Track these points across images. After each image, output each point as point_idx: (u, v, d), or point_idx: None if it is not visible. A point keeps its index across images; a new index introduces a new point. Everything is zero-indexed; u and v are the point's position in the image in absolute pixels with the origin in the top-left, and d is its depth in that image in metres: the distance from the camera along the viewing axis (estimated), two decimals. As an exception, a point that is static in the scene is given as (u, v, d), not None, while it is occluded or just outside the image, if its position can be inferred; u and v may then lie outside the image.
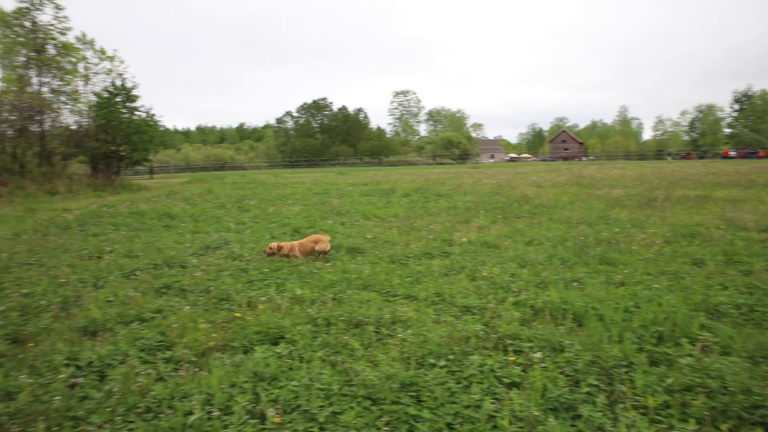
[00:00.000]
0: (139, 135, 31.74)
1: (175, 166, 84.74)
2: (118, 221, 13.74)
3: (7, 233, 12.43)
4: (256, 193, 21.93)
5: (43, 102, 30.56)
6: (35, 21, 32.62)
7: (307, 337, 4.87)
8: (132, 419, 3.48)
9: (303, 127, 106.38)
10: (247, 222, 13.27)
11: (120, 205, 17.75)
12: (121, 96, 32.44)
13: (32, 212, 17.29)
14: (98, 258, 9.11)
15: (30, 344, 4.89)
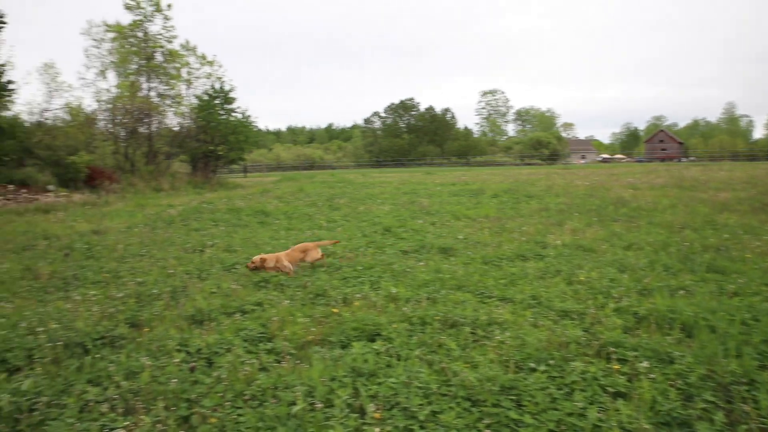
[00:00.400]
0: (236, 135, 33.27)
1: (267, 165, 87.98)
2: (217, 217, 14.44)
3: (121, 226, 13.41)
4: (346, 192, 22.34)
5: (151, 105, 32.71)
6: (146, 32, 35.00)
7: (403, 335, 4.90)
8: (239, 405, 3.64)
9: (390, 128, 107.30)
10: (338, 220, 13.55)
11: (218, 202, 18.66)
12: (220, 98, 34.12)
13: (141, 207, 18.54)
14: (201, 251, 9.61)
15: (146, 329, 5.25)
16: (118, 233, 12.20)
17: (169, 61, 35.88)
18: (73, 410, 3.50)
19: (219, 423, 3.39)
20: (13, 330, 5.01)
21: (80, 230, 12.88)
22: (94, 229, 12.88)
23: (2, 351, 4.51)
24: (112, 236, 11.62)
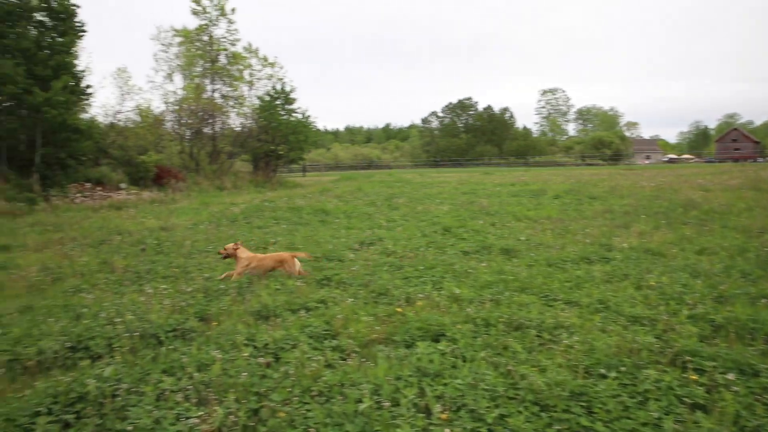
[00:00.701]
0: (296, 135, 33.90)
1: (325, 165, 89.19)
2: (279, 215, 14.74)
3: (188, 223, 13.89)
4: (404, 192, 22.36)
5: (215, 106, 33.77)
6: (212, 35, 36.18)
7: (467, 336, 4.85)
8: (307, 401, 3.70)
9: (448, 127, 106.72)
10: (397, 219, 13.57)
11: (279, 201, 19.05)
12: (281, 99, 34.85)
13: (206, 205, 19.16)
14: (264, 249, 9.83)
15: (214, 323, 5.42)
16: (184, 230, 12.65)
17: (232, 64, 36.94)
18: (150, 398, 3.65)
19: (288, 417, 3.46)
20: (95, 320, 5.29)
21: (150, 227, 13.43)
22: (162, 226, 13.40)
23: (86, 339, 4.76)
24: (179, 233, 12.05)
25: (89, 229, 13.39)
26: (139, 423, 3.30)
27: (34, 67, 21.09)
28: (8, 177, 20.18)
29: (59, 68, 21.84)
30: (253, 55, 37.69)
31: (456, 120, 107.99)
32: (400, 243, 9.96)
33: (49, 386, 3.76)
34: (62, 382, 3.79)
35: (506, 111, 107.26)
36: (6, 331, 4.92)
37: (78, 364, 4.44)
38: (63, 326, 5.11)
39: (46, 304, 6.19)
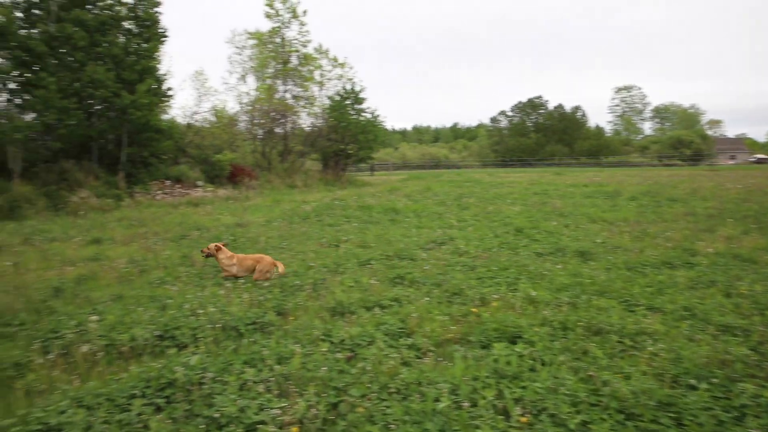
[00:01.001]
0: (365, 134, 34.25)
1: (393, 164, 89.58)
2: (349, 214, 14.93)
3: (261, 220, 14.31)
4: (474, 192, 22.14)
5: (286, 107, 34.62)
6: (284, 37, 37.12)
7: (545, 339, 4.74)
8: (385, 397, 3.72)
9: (517, 127, 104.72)
10: (468, 219, 13.44)
11: (349, 200, 19.28)
12: (350, 99, 35.30)
13: (278, 203, 19.68)
14: (336, 246, 9.99)
15: (291, 318, 5.55)
16: (258, 226, 13.02)
17: (303, 65, 37.75)
18: (234, 387, 3.78)
19: (367, 413, 3.49)
20: (179, 311, 5.53)
21: (226, 223, 13.93)
22: (237, 223, 13.86)
23: (172, 329, 4.99)
24: (253, 229, 12.42)
25: (170, 224, 14.03)
26: (225, 411, 3.42)
27: (122, 71, 22.30)
28: (98, 175, 21.45)
29: (144, 72, 23.01)
30: (323, 56, 38.39)
31: (525, 119, 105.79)
32: (472, 243, 9.85)
33: (142, 371, 3.97)
34: (153, 368, 3.99)
35: (578, 109, 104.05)
36: (102, 318, 5.22)
37: (165, 351, 4.66)
38: (151, 316, 5.37)
39: (135, 294, 6.53)
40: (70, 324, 5.10)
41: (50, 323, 5.27)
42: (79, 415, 3.29)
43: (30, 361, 4.46)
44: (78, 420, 3.25)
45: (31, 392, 4.01)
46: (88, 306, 6.05)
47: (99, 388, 3.71)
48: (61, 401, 3.51)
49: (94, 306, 5.89)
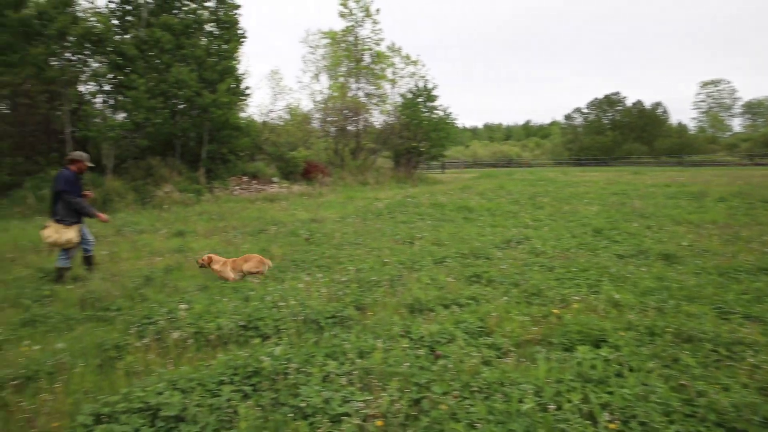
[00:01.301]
0: (437, 132, 34.13)
1: (463, 162, 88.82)
2: (422, 211, 14.93)
3: (335, 216, 14.55)
4: (548, 191, 21.60)
5: (359, 105, 35.01)
6: (357, 36, 37.55)
7: (631, 344, 4.55)
8: (467, 396, 3.69)
9: (592, 124, 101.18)
10: (543, 219, 13.14)
11: (421, 197, 19.27)
12: (423, 97, 35.27)
13: (351, 199, 19.94)
14: (410, 243, 10.01)
15: (370, 313, 5.61)
16: (333, 222, 13.25)
17: (376, 63, 38.05)
18: (317, 379, 3.86)
19: (449, 410, 3.47)
20: (261, 302, 5.71)
21: (301, 218, 14.25)
22: (312, 218, 14.16)
23: (255, 319, 5.16)
24: (328, 225, 12.65)
25: (247, 218, 14.51)
26: (311, 401, 3.50)
27: (204, 72, 23.27)
28: (181, 170, 22.50)
29: (224, 72, 23.91)
30: (396, 54, 38.58)
31: (602, 116, 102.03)
32: (548, 243, 9.62)
33: (229, 359, 4.12)
34: (240, 357, 4.14)
35: (659, 106, 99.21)
36: (190, 307, 5.47)
37: (249, 341, 4.83)
38: (235, 306, 5.57)
39: (218, 285, 6.79)
40: (162, 311, 5.37)
41: (143, 310, 5.58)
42: (175, 397, 3.46)
43: (127, 344, 4.74)
44: (175, 401, 3.42)
45: (129, 373, 4.26)
46: (176, 295, 6.35)
47: (191, 373, 3.89)
48: (158, 383, 3.70)
49: (182, 295, 6.18)
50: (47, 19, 19.92)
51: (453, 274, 7.29)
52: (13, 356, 4.53)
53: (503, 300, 5.89)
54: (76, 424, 3.30)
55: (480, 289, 6.45)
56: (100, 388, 4.04)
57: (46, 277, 7.74)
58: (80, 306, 6.10)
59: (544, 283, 6.56)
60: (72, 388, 3.99)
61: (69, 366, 4.28)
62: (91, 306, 6.02)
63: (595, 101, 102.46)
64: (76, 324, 5.51)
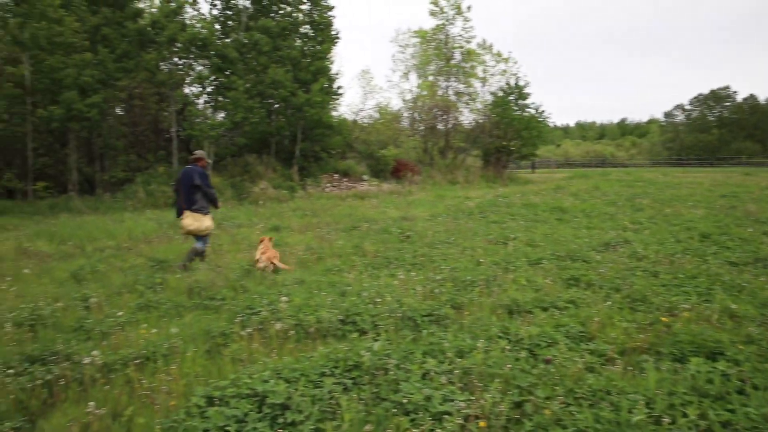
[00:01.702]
0: (529, 131, 33.31)
1: (554, 162, 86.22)
2: (514, 211, 14.61)
3: (426, 215, 14.55)
4: (647, 192, 20.48)
5: (449, 103, 34.81)
6: (448, 34, 37.34)
7: (752, 359, 4.21)
8: (571, 402, 3.56)
9: (696, 122, 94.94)
10: (643, 222, 12.46)
11: (512, 197, 18.89)
12: (514, 95, 34.53)
13: (441, 198, 19.88)
14: (504, 244, 9.82)
15: (466, 312, 5.55)
16: (424, 221, 13.25)
17: (466, 61, 37.66)
18: (416, 376, 3.86)
19: (553, 416, 3.36)
20: (358, 298, 5.80)
21: (392, 216, 14.36)
22: (403, 216, 14.23)
23: (352, 314, 5.25)
24: (420, 223, 12.66)
25: (339, 215, 14.82)
26: (411, 398, 3.50)
27: (299, 72, 24.02)
28: (275, 168, 23.36)
29: (317, 72, 24.57)
30: (486, 52, 38.00)
31: (707, 113, 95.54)
32: (650, 247, 9.11)
33: (330, 352, 4.21)
34: (340, 350, 4.21)
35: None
36: (290, 300, 5.65)
37: (347, 335, 4.92)
38: (332, 301, 5.69)
39: (315, 279, 6.97)
40: (263, 302, 5.58)
41: (246, 300, 5.82)
42: (280, 386, 3.58)
43: (233, 333, 4.96)
44: (280, 390, 3.53)
45: (235, 360, 4.46)
46: (275, 288, 6.58)
47: (293, 363, 4.00)
48: (264, 371, 3.84)
49: (280, 288, 6.38)
50: (159, 27, 21.31)
51: (550, 276, 7.08)
52: (134, 337, 4.87)
53: (605, 305, 5.64)
54: (191, 405, 3.49)
55: (579, 293, 6.21)
56: (209, 372, 4.26)
57: (156, 266, 8.28)
58: (188, 294, 6.46)
59: (649, 289, 6.21)
60: (184, 371, 4.22)
61: (181, 350, 4.55)
62: (197, 295, 6.37)
63: (700, 97, 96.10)
64: (185, 311, 5.84)
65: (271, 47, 23.09)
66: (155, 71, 21.47)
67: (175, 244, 10.42)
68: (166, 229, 12.27)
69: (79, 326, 5.26)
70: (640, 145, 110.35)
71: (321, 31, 25.77)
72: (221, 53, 21.81)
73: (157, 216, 14.65)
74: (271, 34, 23.17)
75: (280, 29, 23.74)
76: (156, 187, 19.32)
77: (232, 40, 23.39)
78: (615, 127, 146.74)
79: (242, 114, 21.59)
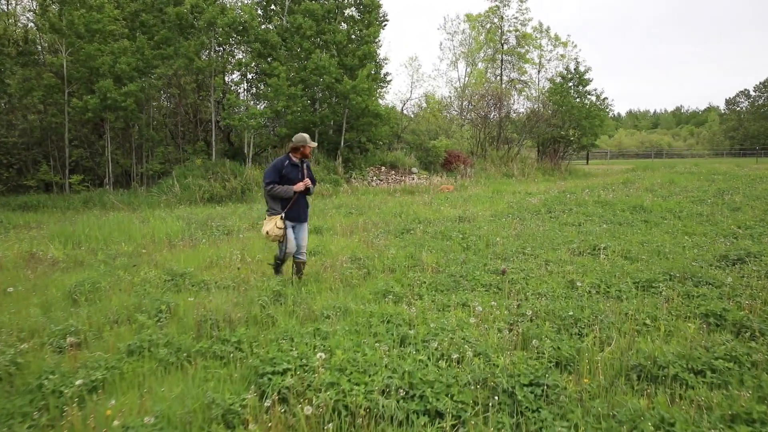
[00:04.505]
0: (590, 120, 30.83)
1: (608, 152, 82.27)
2: (588, 210, 12.64)
3: (486, 213, 12.77)
4: (733, 187, 17.97)
5: (502, 91, 32.62)
6: (502, 16, 35.09)
7: None
8: None
9: (762, 109, 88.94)
10: (753, 225, 10.33)
11: (579, 192, 16.82)
12: (573, 80, 32.07)
13: (499, 193, 17.97)
14: (592, 255, 7.98)
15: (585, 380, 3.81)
16: (486, 221, 11.48)
17: (521, 45, 35.37)
18: None
19: None
20: (424, 350, 4.07)
21: (448, 215, 12.63)
22: (460, 216, 12.48)
23: (420, 383, 3.52)
24: (482, 225, 10.89)
25: (388, 214, 13.18)
26: None
27: (344, 57, 22.44)
28: (319, 159, 21.87)
29: (364, 58, 22.92)
30: (544, 35, 35.67)
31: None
32: None
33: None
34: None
35: None
36: (329, 354, 3.97)
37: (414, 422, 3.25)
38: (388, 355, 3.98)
39: (363, 309, 5.30)
40: (292, 355, 3.94)
41: (269, 348, 4.17)
42: None
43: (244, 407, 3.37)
44: None
45: None
46: (310, 323, 4.99)
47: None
48: None
49: (317, 326, 4.75)
50: (198, 12, 20.09)
51: (677, 311, 5.24)
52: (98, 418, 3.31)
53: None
54: None
55: (736, 345, 4.35)
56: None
57: (171, 281, 6.80)
58: (197, 330, 4.91)
59: None
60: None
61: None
62: (207, 334, 4.79)
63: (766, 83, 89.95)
64: (186, 360, 4.27)
65: (315, 31, 21.58)
66: (194, 58, 20.23)
67: (200, 250, 8.98)
68: (194, 230, 10.87)
69: (38, 385, 3.77)
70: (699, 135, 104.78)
71: (368, 13, 24.10)
72: (262, 38, 20.42)
73: (188, 214, 13.31)
74: (315, 17, 21.67)
75: (325, 12, 22.21)
76: (192, 180, 18.08)
77: (274, 25, 22.00)
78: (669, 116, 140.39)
79: (284, 102, 20.17)
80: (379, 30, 24.54)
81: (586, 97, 31.73)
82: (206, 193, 17.34)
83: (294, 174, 6.73)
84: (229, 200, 17.28)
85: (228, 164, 19.32)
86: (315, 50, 21.48)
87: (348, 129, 23.51)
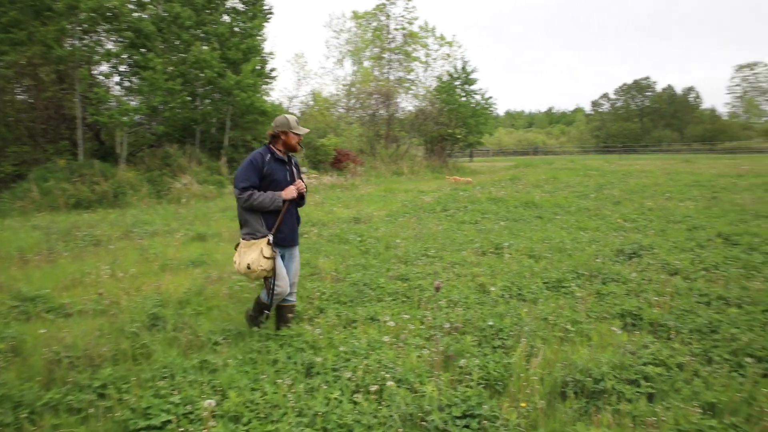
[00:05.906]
0: (475, 118, 31.61)
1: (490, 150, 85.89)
2: (482, 208, 12.64)
3: (381, 213, 12.39)
4: (609, 182, 19.08)
5: (389, 89, 32.60)
6: (389, 15, 35.09)
7: None
8: None
9: (620, 111, 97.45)
10: (637, 219, 10.75)
11: (470, 190, 16.96)
12: (460, 79, 32.75)
13: (391, 192, 17.72)
14: (496, 254, 7.76)
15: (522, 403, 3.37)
16: (383, 222, 11.07)
17: (408, 44, 35.59)
18: None
19: None
20: (336, 382, 3.42)
21: (342, 216, 12.10)
22: (355, 216, 11.98)
23: (336, 427, 2.92)
24: (379, 226, 10.44)
25: (280, 216, 12.35)
26: None
27: (227, 51, 21.12)
28: (201, 160, 20.41)
29: (248, 51, 21.74)
30: (429, 34, 36.05)
31: (630, 102, 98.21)
32: (675, 255, 7.34)
33: None
34: None
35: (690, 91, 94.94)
36: (221, 401, 3.22)
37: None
38: (294, 391, 3.34)
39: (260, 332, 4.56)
40: (173, 401, 3.16)
41: (144, 395, 3.35)
42: None
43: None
44: None
45: None
46: (194, 353, 4.19)
47: None
48: None
49: (204, 356, 3.96)
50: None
51: (593, 311, 5.04)
52: None
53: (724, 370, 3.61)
54: None
55: (660, 347, 4.15)
56: None
57: (19, 308, 5.60)
58: (47, 376, 3.90)
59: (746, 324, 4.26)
60: None
61: None
62: (61, 379, 3.80)
63: (624, 87, 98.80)
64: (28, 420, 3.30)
65: (195, 22, 20.08)
66: (53, 46, 17.95)
67: (60, 265, 7.68)
68: (55, 241, 9.41)
69: None
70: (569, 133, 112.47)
71: (252, 5, 22.91)
72: (135, 27, 18.61)
73: (49, 222, 11.64)
74: (194, 7, 20.16)
75: (205, 1, 20.76)
76: (54, 183, 16.02)
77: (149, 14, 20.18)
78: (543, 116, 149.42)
79: (161, 98, 18.51)
80: (263, 23, 23.42)
81: (473, 96, 32.51)
82: (72, 198, 15.45)
83: (281, 174, 4.67)
84: (99, 205, 15.50)
85: (98, 165, 17.38)
86: (195, 42, 20.00)
87: (232, 127, 22.22)
